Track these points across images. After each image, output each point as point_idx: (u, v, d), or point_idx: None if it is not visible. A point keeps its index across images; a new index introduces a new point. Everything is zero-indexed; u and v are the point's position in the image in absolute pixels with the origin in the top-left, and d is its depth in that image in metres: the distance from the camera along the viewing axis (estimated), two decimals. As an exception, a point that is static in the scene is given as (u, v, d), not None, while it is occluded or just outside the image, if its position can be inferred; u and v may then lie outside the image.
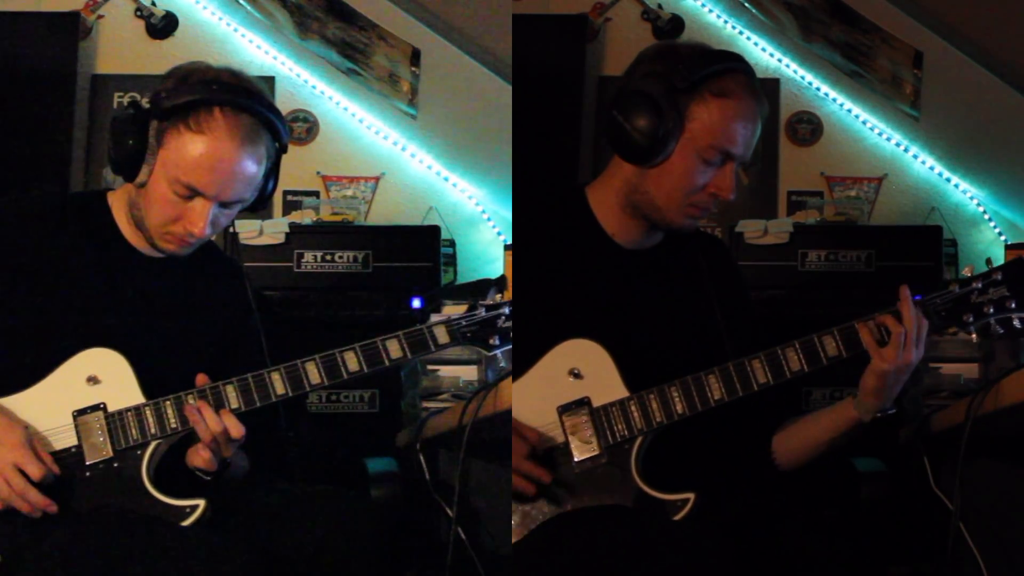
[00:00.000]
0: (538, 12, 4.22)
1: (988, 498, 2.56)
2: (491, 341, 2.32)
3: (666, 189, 2.28)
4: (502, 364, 3.20)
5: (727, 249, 2.66)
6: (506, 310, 2.31)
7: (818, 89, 4.33)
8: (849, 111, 4.30)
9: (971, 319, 2.20)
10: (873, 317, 2.20)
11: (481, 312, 2.31)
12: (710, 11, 4.34)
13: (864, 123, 4.30)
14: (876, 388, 2.20)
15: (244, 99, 2.23)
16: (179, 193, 2.23)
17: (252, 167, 2.25)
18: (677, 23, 4.33)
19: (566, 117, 4.15)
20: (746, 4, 4.30)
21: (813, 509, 2.30)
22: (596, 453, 2.22)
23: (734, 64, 2.31)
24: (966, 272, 2.22)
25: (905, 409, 3.33)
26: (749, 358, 2.22)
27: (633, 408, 2.23)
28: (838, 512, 2.66)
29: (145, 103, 2.25)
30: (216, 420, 2.18)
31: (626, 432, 2.22)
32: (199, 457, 2.21)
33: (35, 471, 2.13)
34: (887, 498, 2.80)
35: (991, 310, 2.19)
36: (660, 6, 4.34)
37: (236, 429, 2.20)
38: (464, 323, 2.31)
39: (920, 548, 2.99)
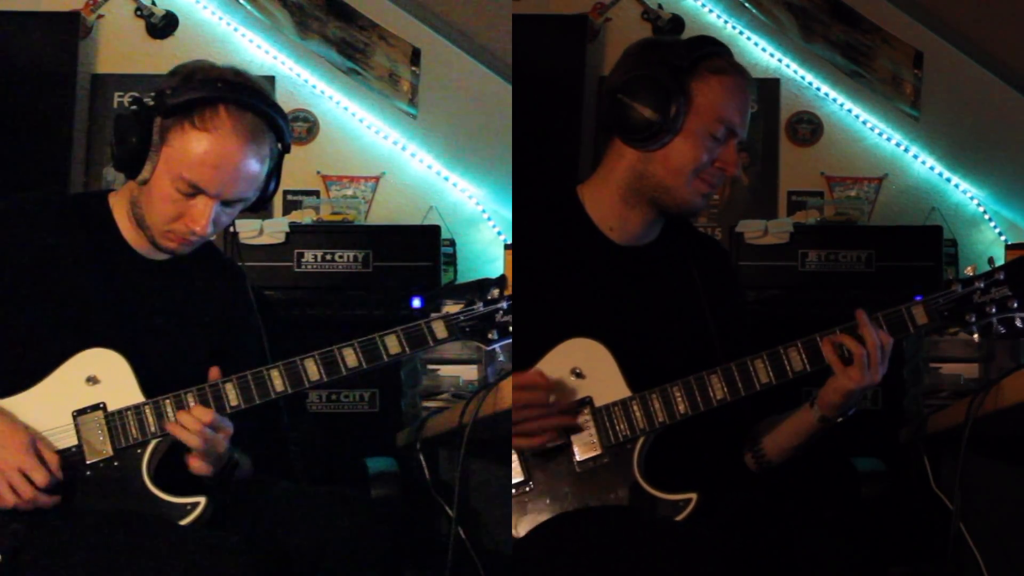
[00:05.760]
0: (538, 12, 4.22)
1: (988, 498, 2.56)
2: (489, 336, 2.31)
3: (674, 169, 2.30)
4: (500, 359, 3.20)
5: (724, 251, 2.67)
6: (504, 305, 2.30)
7: (818, 89, 4.33)
8: (849, 111, 4.31)
9: (973, 319, 2.20)
10: (835, 332, 2.21)
11: (479, 307, 2.31)
12: (710, 11, 4.35)
13: (864, 123, 4.31)
14: (836, 403, 2.23)
15: (248, 97, 2.23)
16: (182, 191, 2.23)
17: (255, 166, 2.25)
18: (677, 23, 4.33)
19: (566, 117, 4.15)
20: (746, 4, 4.31)
21: (813, 509, 2.30)
22: (598, 453, 2.22)
23: (719, 47, 2.35)
24: (968, 272, 2.22)
25: (905, 409, 3.34)
26: (752, 358, 2.23)
27: (635, 408, 2.23)
28: (838, 512, 2.66)
29: (149, 100, 2.25)
30: (192, 420, 2.18)
31: (628, 432, 2.22)
32: (192, 466, 2.21)
33: (41, 478, 2.14)
34: (887, 498, 2.80)
35: (993, 310, 2.19)
36: (660, 6, 4.34)
37: (204, 415, 2.18)
38: (462, 318, 2.30)
39: (920, 548, 2.99)
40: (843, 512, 2.74)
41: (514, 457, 2.22)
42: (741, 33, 4.31)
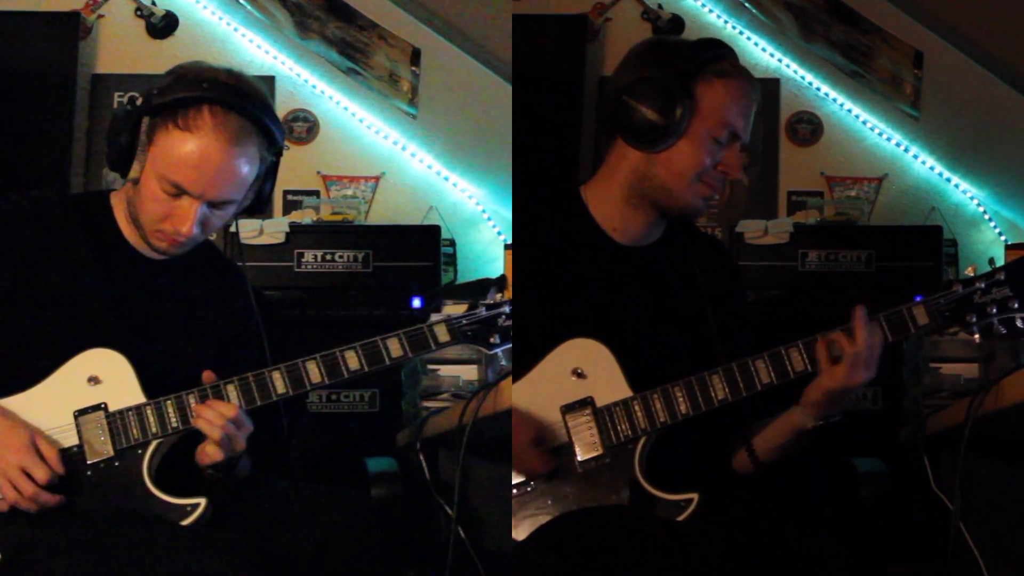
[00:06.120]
0: (538, 12, 4.22)
1: (988, 498, 2.56)
2: (491, 340, 2.31)
3: (677, 171, 2.30)
4: (503, 363, 3.20)
5: (727, 251, 2.66)
6: (506, 309, 2.30)
7: (818, 89, 4.33)
8: (849, 111, 4.31)
9: (974, 319, 2.20)
10: (826, 335, 2.21)
11: (481, 311, 2.30)
12: (710, 11, 4.36)
13: (864, 123, 4.31)
14: (819, 402, 2.23)
15: (234, 98, 2.21)
16: (167, 191, 2.22)
17: (241, 167, 2.23)
18: (677, 23, 4.35)
19: (566, 117, 4.16)
20: (746, 4, 4.32)
21: (813, 509, 2.30)
22: (599, 453, 2.22)
23: (724, 50, 2.35)
24: (969, 272, 2.22)
25: (905, 409, 3.34)
26: (753, 358, 2.23)
27: (637, 408, 2.23)
28: (838, 512, 2.65)
29: (140, 100, 2.25)
30: (217, 414, 2.18)
31: (629, 432, 2.22)
32: (206, 454, 2.21)
33: (41, 475, 2.13)
34: (887, 498, 2.80)
35: (994, 310, 2.19)
36: (660, 6, 4.35)
37: (228, 410, 2.18)
38: (464, 322, 2.30)
39: (920, 548, 2.99)
40: (843, 512, 2.74)
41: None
42: (741, 33, 4.32)
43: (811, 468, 2.40)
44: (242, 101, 2.22)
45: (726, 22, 4.34)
